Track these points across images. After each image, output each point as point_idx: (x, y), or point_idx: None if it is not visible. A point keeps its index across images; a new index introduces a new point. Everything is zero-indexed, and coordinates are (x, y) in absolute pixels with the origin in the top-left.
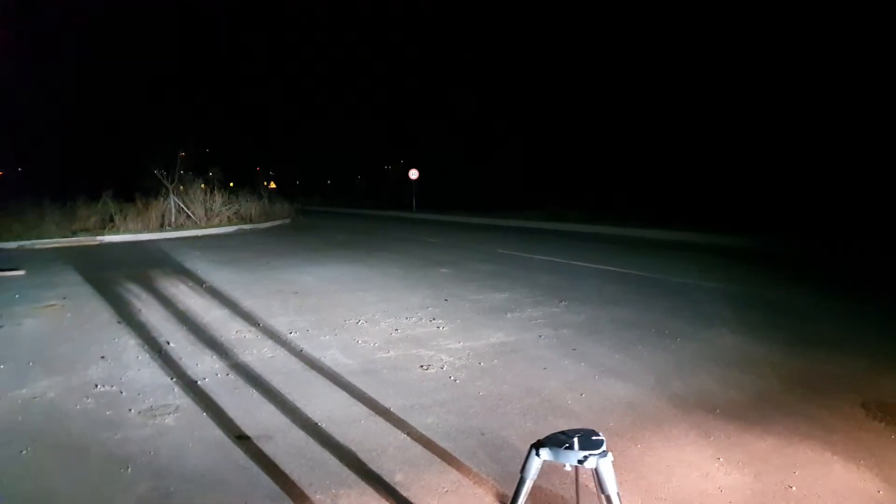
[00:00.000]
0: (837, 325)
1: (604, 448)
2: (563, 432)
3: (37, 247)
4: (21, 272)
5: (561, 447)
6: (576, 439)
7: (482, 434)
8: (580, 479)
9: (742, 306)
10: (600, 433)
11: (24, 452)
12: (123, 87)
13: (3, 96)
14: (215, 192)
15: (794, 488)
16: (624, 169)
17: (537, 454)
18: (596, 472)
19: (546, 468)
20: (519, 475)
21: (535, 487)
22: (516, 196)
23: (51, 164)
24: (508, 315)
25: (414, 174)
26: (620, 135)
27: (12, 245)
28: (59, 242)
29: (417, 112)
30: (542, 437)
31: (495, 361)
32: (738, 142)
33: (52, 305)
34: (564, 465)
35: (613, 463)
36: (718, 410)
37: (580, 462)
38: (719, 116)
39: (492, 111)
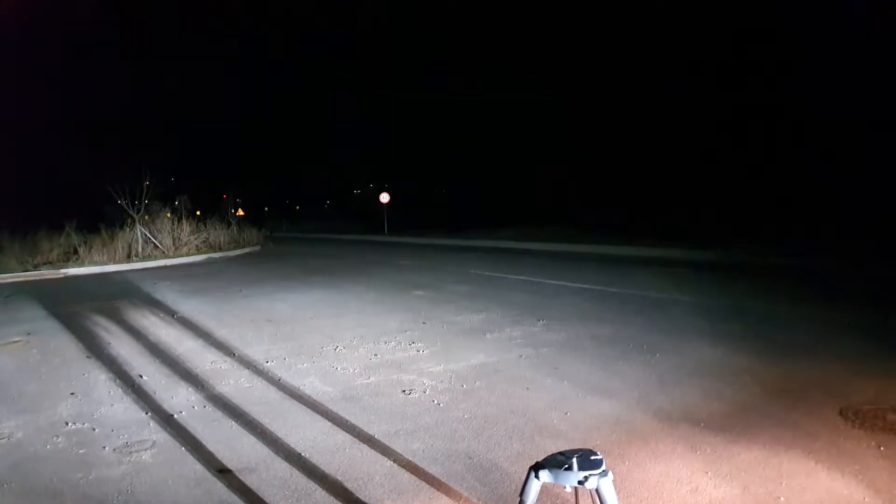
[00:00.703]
0: (812, 332)
1: (603, 467)
2: (561, 453)
3: None
4: None
5: (560, 468)
6: (575, 460)
7: (469, 458)
8: (580, 501)
9: (718, 319)
10: (598, 452)
11: None
12: (83, 115)
13: None
14: (183, 220)
15: (782, 499)
16: (592, 187)
17: (536, 477)
18: (597, 493)
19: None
20: (518, 499)
21: None
22: (488, 216)
23: (7, 194)
24: (488, 336)
25: (385, 198)
26: (585, 152)
27: None
28: (20, 277)
29: (385, 135)
30: (530, 458)
31: (478, 383)
32: (707, 155)
33: (16, 342)
34: (565, 487)
35: None
36: (703, 423)
37: (581, 483)
38: (683, 130)
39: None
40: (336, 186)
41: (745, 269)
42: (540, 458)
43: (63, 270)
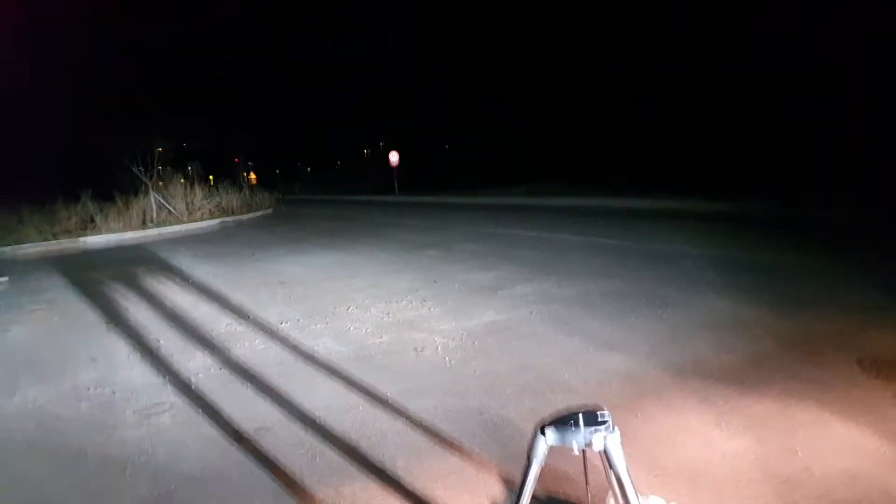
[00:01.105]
0: (824, 283)
1: (610, 424)
2: (567, 409)
3: (18, 252)
4: (3, 279)
5: (566, 425)
6: (581, 416)
7: (481, 414)
8: (588, 456)
9: (729, 272)
10: (605, 409)
11: (18, 461)
12: (95, 85)
13: None
14: (195, 186)
15: (798, 451)
16: (601, 140)
17: (543, 435)
18: (604, 451)
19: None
20: (526, 457)
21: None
22: (498, 173)
23: (26, 165)
24: (499, 293)
25: (394, 158)
26: (598, 105)
27: None
28: (40, 246)
29: (396, 94)
30: (541, 414)
31: (489, 340)
32: (713, 108)
33: (38, 310)
34: (571, 450)
35: None
36: (715, 376)
37: (588, 446)
38: (692, 81)
39: (468, 89)
40: (346, 146)
41: (751, 220)
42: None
43: (81, 239)
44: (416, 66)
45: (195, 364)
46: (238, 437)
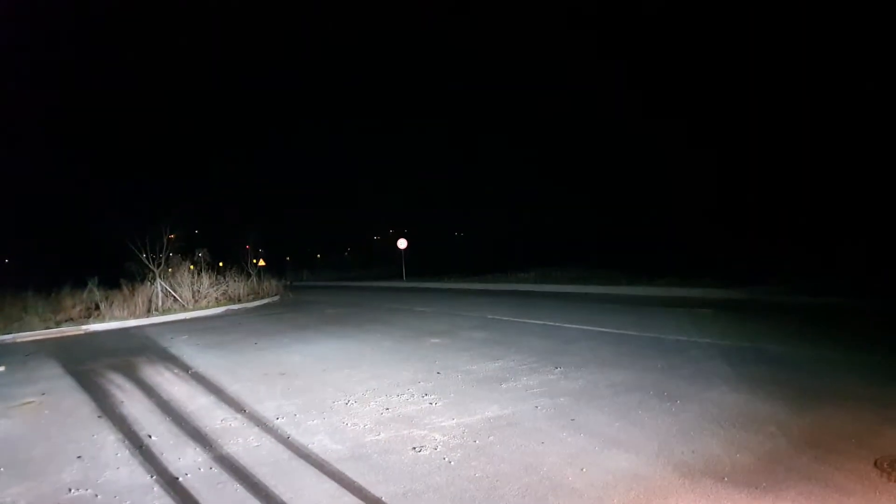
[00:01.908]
0: (840, 377)
1: None
2: None
3: (18, 340)
4: (0, 368)
5: None
6: None
7: None
8: None
9: (740, 362)
10: None
11: None
12: (105, 169)
13: None
14: (203, 273)
15: None
16: (607, 229)
17: None
18: None
19: None
20: None
21: None
22: (505, 260)
23: (35, 252)
24: (503, 385)
25: (402, 244)
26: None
27: None
28: (42, 334)
29: (399, 186)
30: None
31: (491, 438)
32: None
33: (29, 402)
34: None
35: None
36: (727, 478)
37: None
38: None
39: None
40: (356, 233)
41: (763, 308)
42: None
43: (84, 327)
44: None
45: (185, 462)
46: None
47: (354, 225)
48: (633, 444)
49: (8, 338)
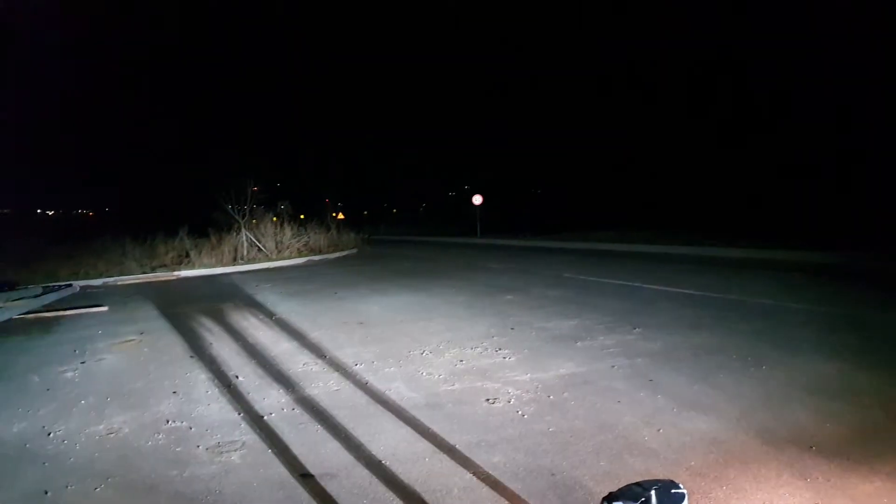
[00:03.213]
0: None
1: (685, 503)
2: (638, 483)
3: (119, 283)
4: (104, 308)
5: (636, 502)
6: (653, 493)
7: (552, 474)
8: None
9: (833, 329)
10: (681, 485)
11: (97, 490)
12: (197, 125)
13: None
14: (285, 224)
15: None
16: (691, 185)
17: None
18: None
19: None
20: None
21: None
22: (582, 218)
23: (133, 202)
24: (578, 343)
25: (478, 200)
26: (686, 149)
27: (98, 282)
28: (139, 278)
29: (479, 138)
30: (617, 478)
31: (565, 394)
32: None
33: (130, 341)
34: None
35: None
36: (815, 447)
37: None
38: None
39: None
40: (431, 189)
41: (859, 273)
42: (624, 482)
43: (176, 273)
44: (503, 110)
45: (269, 402)
46: (304, 482)
47: (430, 180)
48: (713, 407)
49: (110, 280)
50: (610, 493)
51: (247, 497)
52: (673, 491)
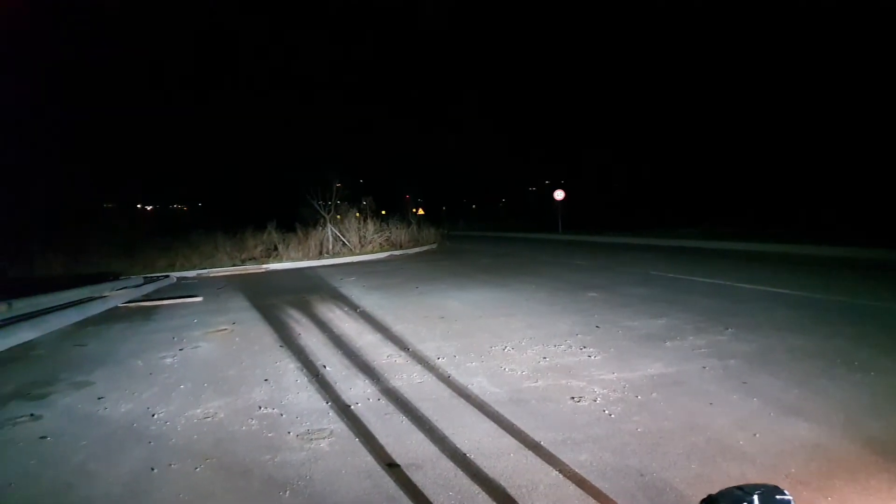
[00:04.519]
0: None
1: None
2: (739, 487)
3: (211, 275)
4: (199, 299)
5: None
6: (756, 497)
7: (641, 475)
8: None
9: None
10: (786, 492)
11: (197, 470)
12: (283, 125)
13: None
14: (368, 220)
15: None
16: (786, 180)
17: None
18: None
19: None
20: None
21: None
22: (668, 214)
23: (223, 197)
24: (667, 343)
25: (559, 195)
26: (782, 143)
27: (192, 274)
28: (229, 270)
29: (564, 133)
30: (710, 482)
31: (654, 395)
32: None
33: (223, 330)
34: None
35: None
36: None
37: None
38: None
39: (641, 127)
40: (512, 184)
41: None
42: (720, 487)
43: (264, 266)
44: (586, 106)
45: (355, 392)
46: (390, 471)
47: (510, 175)
48: (815, 413)
49: (203, 272)
50: (709, 496)
51: (335, 484)
52: (778, 497)
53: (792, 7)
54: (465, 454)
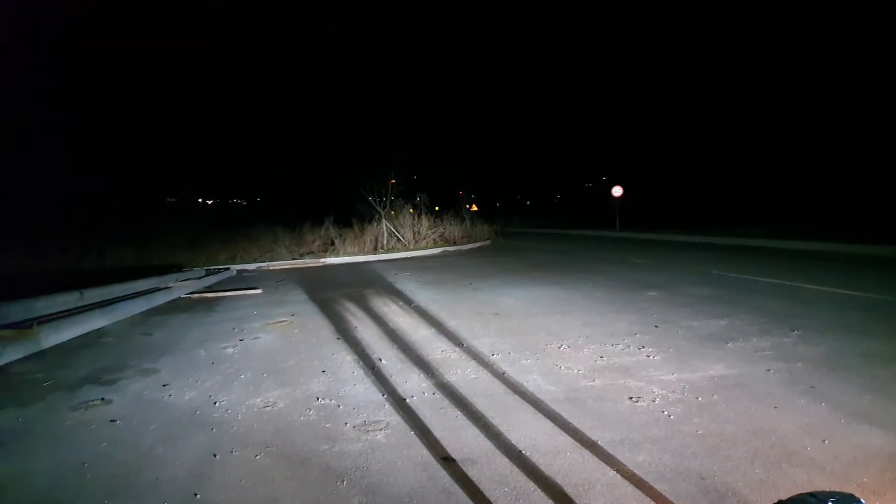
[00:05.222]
0: None
1: None
2: (812, 494)
3: (270, 268)
4: (258, 291)
5: None
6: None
7: (702, 478)
8: None
9: None
10: (863, 501)
11: (257, 457)
12: (337, 123)
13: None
14: (422, 216)
15: None
16: (853, 177)
17: None
18: None
19: None
20: None
21: None
22: (733, 212)
23: (282, 192)
24: (729, 344)
25: (618, 191)
26: (853, 140)
27: (251, 266)
28: (288, 264)
29: (621, 128)
30: (775, 488)
31: (715, 397)
32: None
33: (282, 322)
34: None
35: None
36: None
37: None
38: None
39: (701, 120)
40: (567, 181)
41: None
42: (787, 493)
43: (321, 259)
44: (645, 98)
45: (410, 386)
46: (445, 465)
47: (566, 172)
48: (890, 421)
49: (263, 265)
50: (779, 501)
51: (391, 476)
52: (853, 502)
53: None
54: (520, 451)
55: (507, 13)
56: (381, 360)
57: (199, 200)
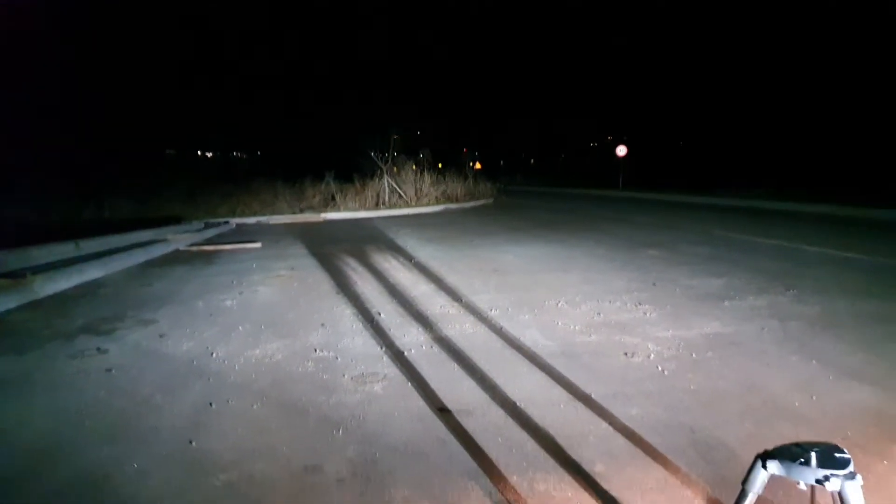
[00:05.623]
0: None
1: (851, 468)
2: (797, 444)
3: (271, 222)
4: (258, 244)
5: (794, 462)
6: (814, 454)
7: (693, 431)
8: (816, 501)
9: None
10: (845, 450)
11: (254, 407)
12: (342, 74)
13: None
14: (425, 172)
15: None
16: (858, 140)
17: (764, 467)
18: (840, 497)
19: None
20: (740, 486)
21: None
22: (736, 173)
23: (283, 145)
24: (726, 303)
25: (622, 151)
26: (857, 101)
27: (251, 220)
28: (288, 218)
29: (625, 87)
30: (764, 441)
31: (709, 353)
32: None
33: (281, 275)
34: (798, 483)
35: None
36: None
37: (819, 482)
38: None
39: (707, 78)
40: (571, 139)
41: None
42: (773, 445)
43: (322, 215)
44: (646, 59)
45: (409, 339)
46: (441, 416)
47: (569, 131)
48: (879, 378)
49: (263, 219)
50: (765, 451)
51: (387, 426)
52: (836, 455)
53: None
54: (515, 403)
55: None
56: (380, 314)
57: (199, 153)
